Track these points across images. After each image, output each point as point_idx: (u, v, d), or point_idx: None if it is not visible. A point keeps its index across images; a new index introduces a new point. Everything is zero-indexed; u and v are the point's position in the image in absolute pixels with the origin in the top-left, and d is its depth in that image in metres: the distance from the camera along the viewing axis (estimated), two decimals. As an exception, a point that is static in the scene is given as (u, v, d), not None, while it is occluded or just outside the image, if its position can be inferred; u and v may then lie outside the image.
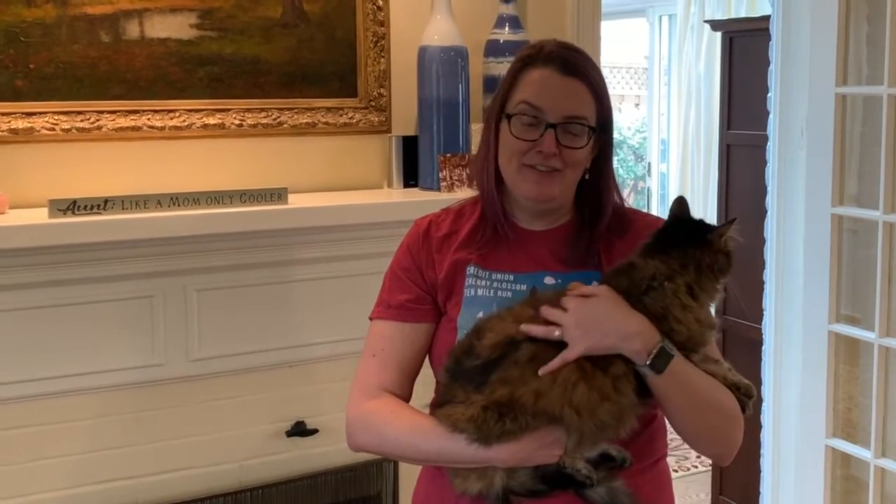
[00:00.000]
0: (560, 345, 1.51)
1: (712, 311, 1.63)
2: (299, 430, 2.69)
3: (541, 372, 1.49)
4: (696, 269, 1.55)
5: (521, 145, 1.60)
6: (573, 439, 1.51)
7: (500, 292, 1.64)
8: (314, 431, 2.69)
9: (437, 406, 1.60)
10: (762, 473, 3.10)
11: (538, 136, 1.59)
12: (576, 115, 1.60)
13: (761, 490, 3.11)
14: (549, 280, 1.64)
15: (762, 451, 3.09)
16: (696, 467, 4.63)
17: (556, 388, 1.49)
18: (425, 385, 1.72)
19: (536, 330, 1.52)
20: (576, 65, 1.61)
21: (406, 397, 1.68)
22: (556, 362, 1.49)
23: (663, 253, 1.56)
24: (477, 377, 1.53)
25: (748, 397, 1.61)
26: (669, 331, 1.53)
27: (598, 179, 1.67)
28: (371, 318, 1.73)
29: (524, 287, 1.63)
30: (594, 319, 1.51)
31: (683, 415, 1.56)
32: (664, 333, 1.52)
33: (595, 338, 1.50)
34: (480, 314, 1.62)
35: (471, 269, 1.66)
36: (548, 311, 1.53)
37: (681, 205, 1.62)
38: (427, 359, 1.72)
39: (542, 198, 1.63)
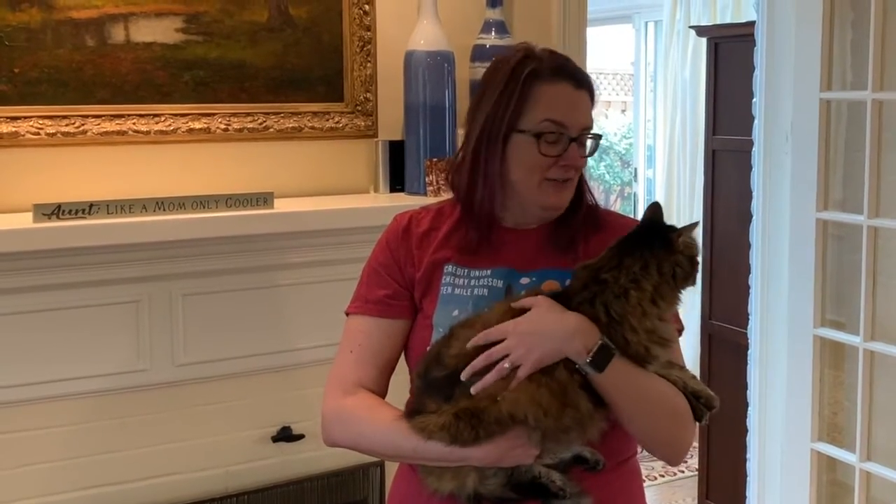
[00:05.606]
0: None
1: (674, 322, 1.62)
2: (285, 435, 2.68)
3: (500, 398, 1.49)
4: (659, 272, 1.53)
5: (546, 161, 1.63)
6: (541, 439, 1.51)
7: (476, 290, 1.65)
8: (300, 437, 2.68)
9: (410, 414, 1.59)
10: (748, 478, 3.11)
11: (562, 151, 1.63)
12: (588, 126, 1.67)
13: (747, 494, 3.12)
14: (524, 280, 1.66)
15: (748, 456, 3.10)
16: (683, 472, 4.64)
17: (519, 395, 1.49)
18: (402, 383, 1.72)
19: (489, 378, 1.50)
20: (583, 77, 1.67)
21: (382, 393, 1.69)
22: (513, 385, 1.49)
23: (628, 255, 1.55)
24: (444, 389, 1.54)
25: (708, 408, 1.60)
26: (622, 340, 1.52)
27: (579, 178, 1.72)
28: (347, 313, 1.73)
29: (500, 283, 1.65)
30: (533, 330, 1.52)
31: (631, 416, 1.57)
32: (619, 338, 1.51)
33: (540, 347, 1.50)
34: (456, 312, 1.63)
35: (449, 268, 1.68)
36: (491, 352, 1.51)
37: (653, 210, 1.62)
38: (403, 355, 1.73)
39: (562, 206, 1.68)
